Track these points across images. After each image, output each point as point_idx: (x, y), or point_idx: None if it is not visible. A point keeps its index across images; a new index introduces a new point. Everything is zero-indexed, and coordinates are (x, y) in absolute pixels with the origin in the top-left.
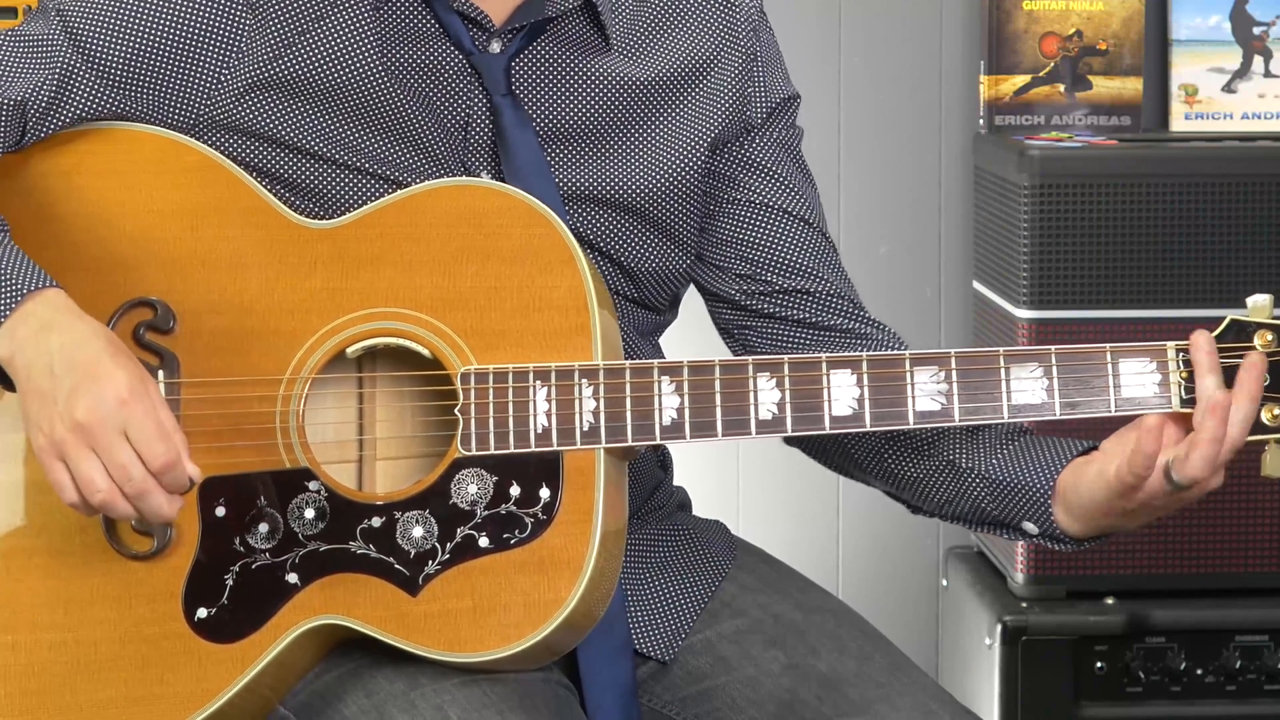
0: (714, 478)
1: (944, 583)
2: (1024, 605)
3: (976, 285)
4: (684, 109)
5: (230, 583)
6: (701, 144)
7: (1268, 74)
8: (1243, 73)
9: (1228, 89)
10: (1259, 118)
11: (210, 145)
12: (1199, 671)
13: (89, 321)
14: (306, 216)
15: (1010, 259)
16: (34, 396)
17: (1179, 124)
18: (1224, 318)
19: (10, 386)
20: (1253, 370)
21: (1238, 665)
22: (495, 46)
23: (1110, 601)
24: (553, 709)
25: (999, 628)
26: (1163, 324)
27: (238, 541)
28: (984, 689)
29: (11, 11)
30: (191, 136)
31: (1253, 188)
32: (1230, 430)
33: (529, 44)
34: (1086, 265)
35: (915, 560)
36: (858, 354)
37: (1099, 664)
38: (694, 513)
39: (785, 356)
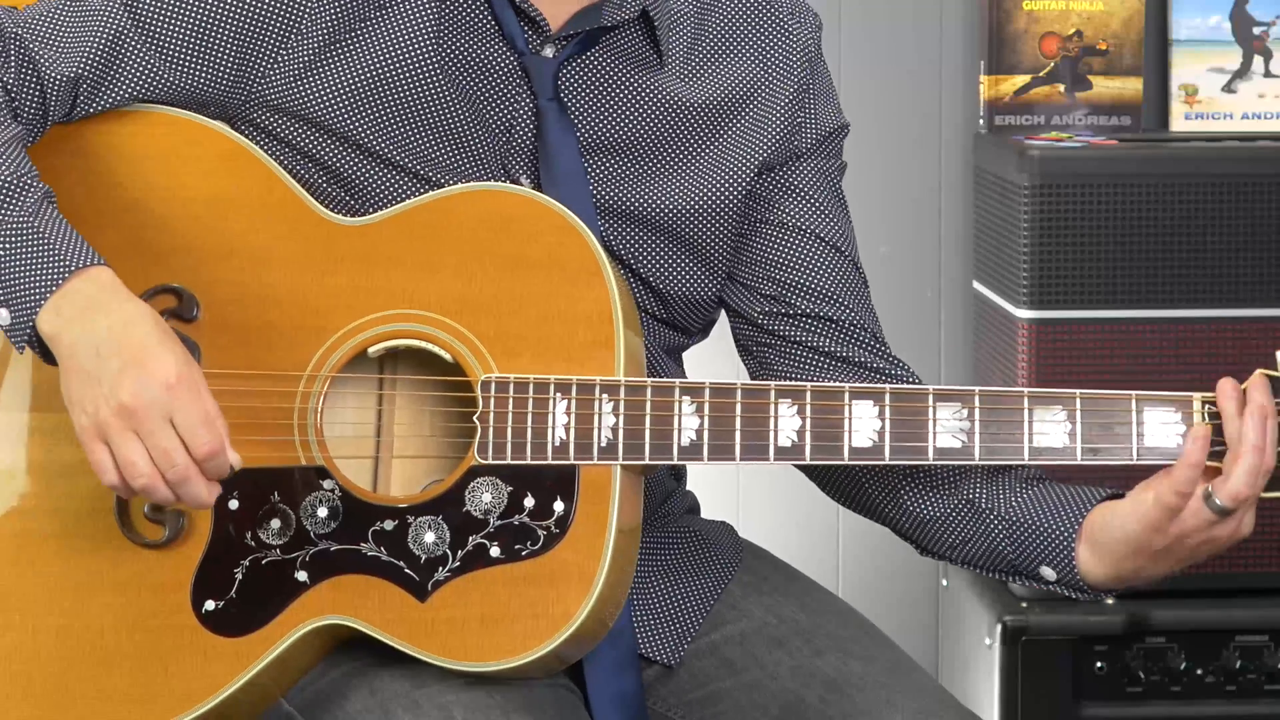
0: (716, 478)
1: (944, 583)
2: (1024, 605)
3: (976, 285)
4: (731, 136)
5: (239, 577)
6: (746, 173)
7: (1268, 74)
8: (1243, 73)
9: (1228, 89)
10: (1259, 118)
11: (257, 126)
12: (1199, 671)
13: (136, 303)
14: (342, 207)
15: (1010, 259)
16: (78, 376)
17: (1179, 124)
18: (1224, 319)
19: (52, 360)
20: (1262, 386)
21: (1238, 665)
22: (549, 51)
23: (1110, 601)
24: (558, 711)
25: (999, 628)
26: (1163, 325)
27: (249, 536)
28: (984, 689)
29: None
30: (240, 116)
31: (1253, 188)
32: (1268, 448)
33: (582, 52)
34: (1086, 265)
35: (915, 560)
36: (881, 385)
37: (1099, 664)
38: (700, 515)
39: (808, 384)
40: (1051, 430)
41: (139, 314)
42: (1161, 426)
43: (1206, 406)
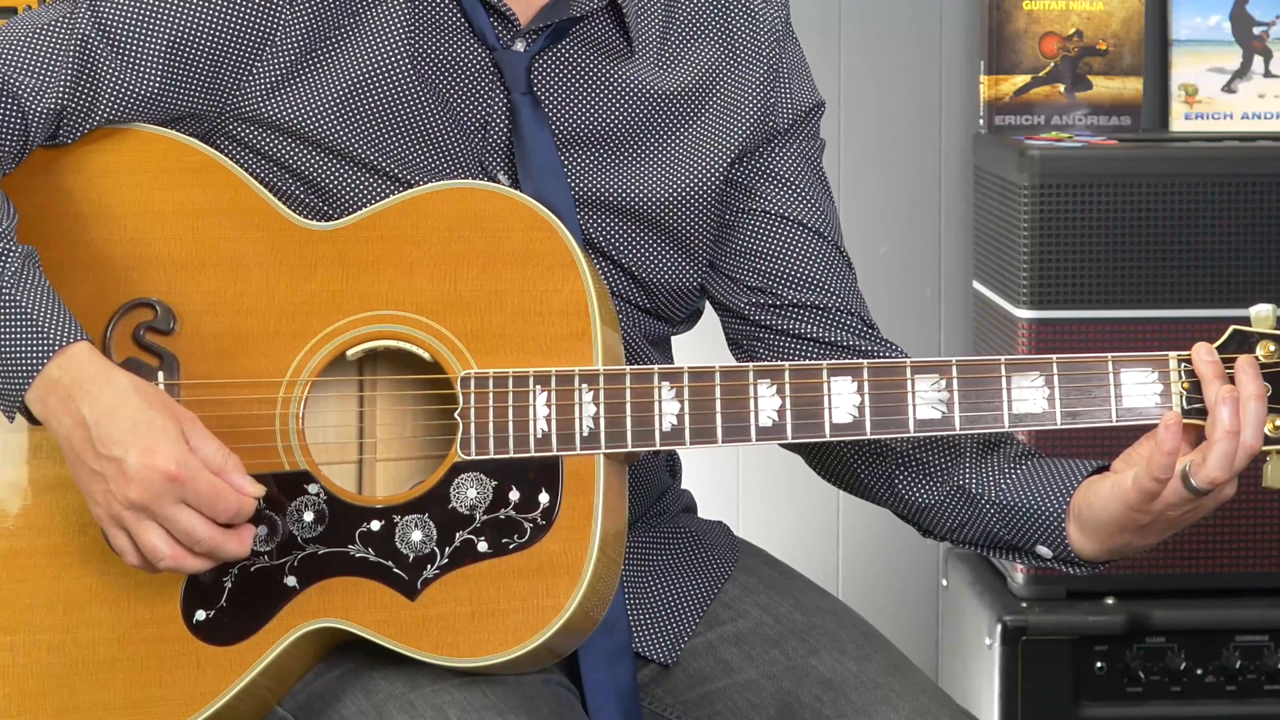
0: (714, 478)
1: (944, 583)
2: (1024, 605)
3: (976, 285)
4: (705, 121)
5: (229, 585)
6: (722, 158)
7: (1268, 74)
8: (1243, 73)
9: (1228, 89)
10: (1259, 118)
11: (233, 138)
12: (1199, 671)
13: (115, 381)
14: (319, 214)
15: (1010, 259)
16: (81, 468)
17: (1179, 124)
18: (1224, 319)
19: (35, 421)
20: (1248, 369)
21: (1238, 665)
22: (519, 46)
23: (1110, 601)
24: (554, 710)
25: (999, 628)
26: (1163, 324)
27: None
28: (984, 689)
29: (11, 12)
30: (215, 130)
31: (1253, 188)
32: (1244, 431)
33: (553, 44)
34: (1086, 265)
35: (915, 560)
36: (858, 361)
37: (1099, 664)
38: (697, 514)
39: (786, 364)
40: (1030, 396)
41: (119, 394)
42: (1138, 387)
43: (1183, 365)
